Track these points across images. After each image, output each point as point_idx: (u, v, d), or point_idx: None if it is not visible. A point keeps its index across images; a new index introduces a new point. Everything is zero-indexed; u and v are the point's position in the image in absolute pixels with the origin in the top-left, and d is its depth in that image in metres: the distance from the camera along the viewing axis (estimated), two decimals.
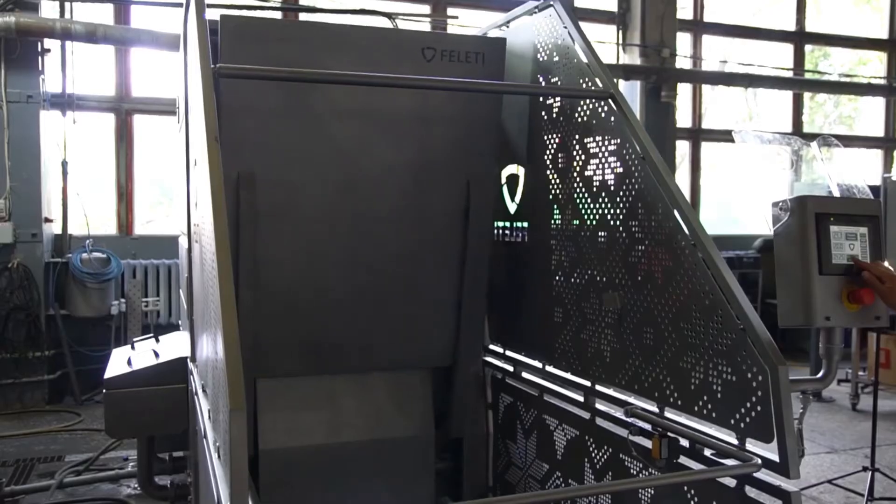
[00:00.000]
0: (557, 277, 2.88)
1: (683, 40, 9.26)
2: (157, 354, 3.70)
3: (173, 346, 3.87)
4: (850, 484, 4.42)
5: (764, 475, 1.95)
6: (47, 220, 6.77)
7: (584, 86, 2.69)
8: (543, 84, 2.95)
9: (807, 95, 10.46)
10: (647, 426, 2.33)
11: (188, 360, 3.22)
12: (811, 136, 5.83)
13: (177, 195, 5.96)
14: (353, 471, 3.17)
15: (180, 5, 2.91)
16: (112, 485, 4.54)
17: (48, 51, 6.79)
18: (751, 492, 1.99)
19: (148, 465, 3.78)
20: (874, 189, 5.53)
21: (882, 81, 10.42)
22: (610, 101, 2.56)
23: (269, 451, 3.03)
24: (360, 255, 2.96)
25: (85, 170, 7.22)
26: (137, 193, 7.44)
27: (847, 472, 4.56)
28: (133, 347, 4.15)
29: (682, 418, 2.26)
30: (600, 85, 2.61)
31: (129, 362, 3.69)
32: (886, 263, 2.11)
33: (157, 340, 4.26)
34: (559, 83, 2.84)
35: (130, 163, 7.34)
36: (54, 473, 4.62)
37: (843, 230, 2.05)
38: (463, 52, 2.80)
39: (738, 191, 9.90)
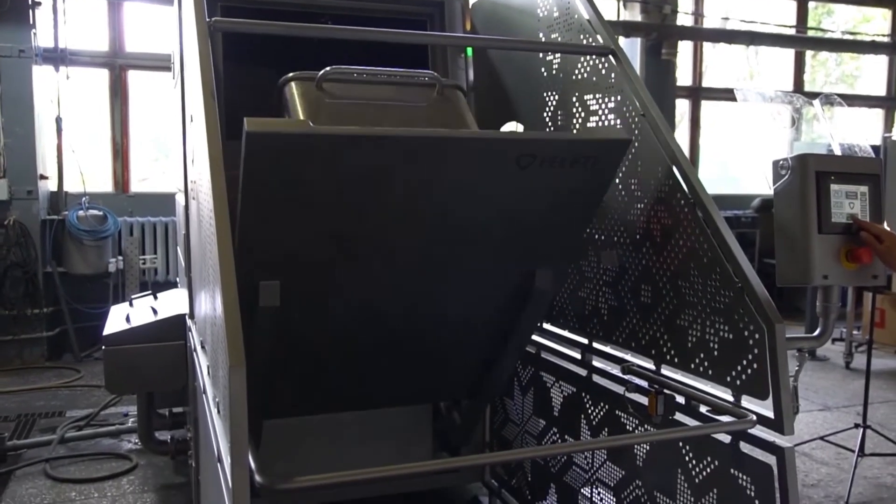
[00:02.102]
0: None
1: None
2: (155, 311, 3.71)
3: (171, 303, 3.89)
4: (842, 440, 4.49)
5: (758, 431, 1.97)
6: (42, 177, 6.72)
7: (584, 42, 2.65)
8: (543, 40, 2.91)
9: (808, 54, 10.34)
10: (644, 383, 2.36)
11: (186, 317, 3.23)
12: (812, 95, 5.78)
13: (173, 152, 5.91)
14: (351, 426, 3.21)
15: None
16: (113, 440, 4.59)
17: (39, 4, 6.66)
18: (745, 447, 2.02)
19: (148, 421, 3.83)
20: (876, 149, 5.51)
21: (886, 39, 10.30)
22: (610, 57, 2.53)
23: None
24: (394, 330, 2.57)
25: (79, 126, 7.15)
26: (133, 150, 7.38)
27: (839, 429, 4.62)
28: (131, 304, 4.16)
29: (678, 375, 2.28)
30: (601, 41, 2.58)
31: (127, 319, 3.70)
32: (885, 224, 2.11)
33: (156, 298, 4.27)
34: (559, 39, 2.80)
35: (126, 119, 7.27)
36: (56, 428, 4.66)
37: (843, 189, 2.05)
38: (570, 158, 2.13)
39: (737, 150, 9.86)
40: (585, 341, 2.74)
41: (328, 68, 2.51)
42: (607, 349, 2.65)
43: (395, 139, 1.97)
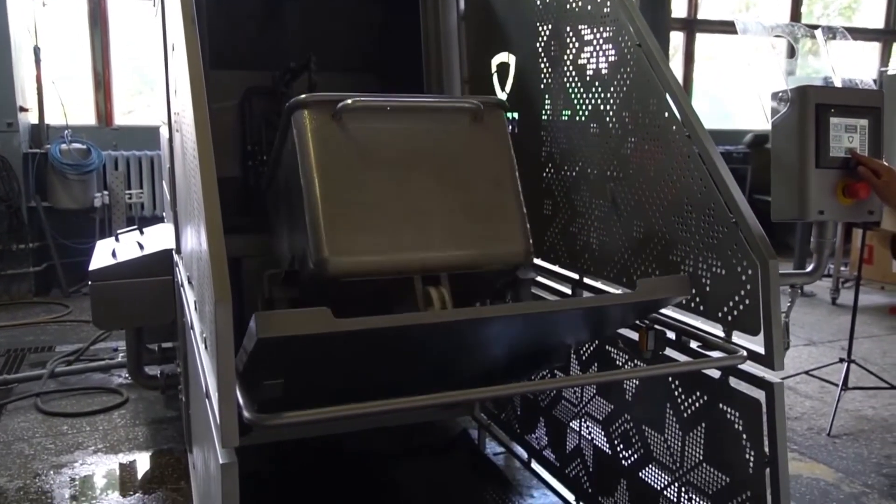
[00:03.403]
0: (547, 169, 2.83)
1: None
2: (141, 247, 3.68)
3: (158, 238, 3.85)
4: (826, 374, 4.55)
5: (748, 367, 1.98)
6: (22, 109, 6.56)
7: None
8: None
9: None
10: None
11: (173, 252, 3.19)
12: (810, 28, 5.64)
13: (157, 84, 5.77)
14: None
15: None
16: (103, 374, 4.59)
17: None
18: (734, 382, 2.03)
19: (137, 356, 3.83)
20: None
21: None
22: None
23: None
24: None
25: (59, 57, 6.95)
26: (116, 82, 7.20)
27: (823, 364, 4.68)
28: (117, 240, 4.12)
29: (669, 311, 2.27)
30: None
31: (113, 254, 3.67)
32: (884, 160, 2.08)
33: (142, 233, 4.23)
34: None
35: (106, 49, 7.07)
36: (45, 363, 4.66)
37: (843, 122, 2.00)
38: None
39: (730, 85, 9.73)
40: (576, 276, 2.73)
41: (349, 101, 2.10)
42: (598, 284, 2.64)
43: (430, 326, 1.76)
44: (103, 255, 3.74)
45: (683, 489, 2.26)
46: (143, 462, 3.52)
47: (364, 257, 2.03)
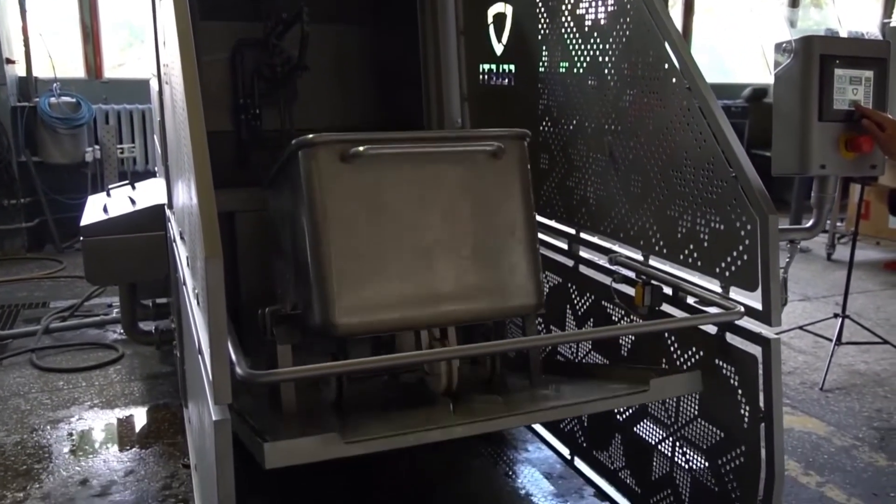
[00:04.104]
0: (544, 123, 2.79)
1: None
2: (133, 202, 3.64)
3: (150, 193, 3.81)
4: (820, 329, 4.56)
5: (744, 322, 1.97)
6: (9, 62, 6.43)
7: None
8: None
9: None
10: (631, 274, 2.33)
11: (165, 207, 3.16)
12: None
13: (147, 34, 5.65)
14: None
15: None
16: (98, 330, 4.59)
17: None
18: (730, 338, 2.02)
19: (131, 311, 3.82)
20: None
21: None
22: None
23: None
24: None
25: (46, 8, 6.79)
26: (105, 34, 7.05)
27: (818, 319, 4.69)
28: (109, 195, 4.08)
29: (666, 266, 2.25)
30: None
31: (105, 209, 3.63)
32: (888, 113, 2.04)
33: (134, 188, 4.18)
34: None
35: (94, 0, 6.91)
36: (40, 319, 4.65)
37: (847, 74, 1.95)
38: None
39: (729, 38, 9.59)
40: (573, 231, 2.70)
41: (361, 147, 1.98)
42: (594, 240, 2.61)
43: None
44: (95, 210, 3.70)
45: (678, 444, 2.27)
46: (139, 417, 3.54)
47: (373, 316, 1.98)
